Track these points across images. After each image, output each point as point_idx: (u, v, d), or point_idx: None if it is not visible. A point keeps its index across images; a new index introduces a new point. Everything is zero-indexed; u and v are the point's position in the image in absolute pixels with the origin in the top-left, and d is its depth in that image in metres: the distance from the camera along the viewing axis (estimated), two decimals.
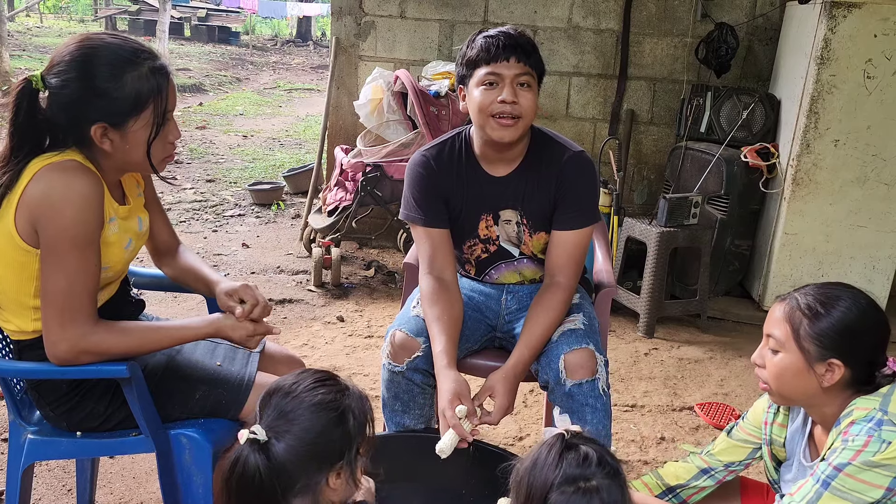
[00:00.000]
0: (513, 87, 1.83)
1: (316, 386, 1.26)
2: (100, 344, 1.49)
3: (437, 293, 1.91)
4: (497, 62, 1.83)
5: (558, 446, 1.17)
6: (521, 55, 1.84)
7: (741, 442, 1.65)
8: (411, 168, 2.01)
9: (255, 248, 4.81)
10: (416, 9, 4.58)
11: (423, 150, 2.03)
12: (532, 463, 1.18)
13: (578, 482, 1.13)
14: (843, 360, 1.35)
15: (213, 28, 21.76)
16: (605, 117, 4.58)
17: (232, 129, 9.36)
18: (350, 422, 1.25)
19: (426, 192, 1.97)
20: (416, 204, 1.98)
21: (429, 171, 1.98)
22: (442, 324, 1.85)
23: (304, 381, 1.27)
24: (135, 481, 2.29)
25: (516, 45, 1.84)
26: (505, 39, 1.84)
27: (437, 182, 1.98)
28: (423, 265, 1.99)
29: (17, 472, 1.68)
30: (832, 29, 3.54)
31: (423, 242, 1.99)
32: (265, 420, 1.23)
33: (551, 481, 1.14)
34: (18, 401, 1.70)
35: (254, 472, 1.17)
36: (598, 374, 1.84)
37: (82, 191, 1.43)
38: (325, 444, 1.22)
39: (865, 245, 3.79)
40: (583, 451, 1.17)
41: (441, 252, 1.98)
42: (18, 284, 1.50)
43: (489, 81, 1.83)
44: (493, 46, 1.83)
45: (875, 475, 1.27)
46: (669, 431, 2.82)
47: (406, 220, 2.03)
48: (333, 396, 1.25)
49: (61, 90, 1.45)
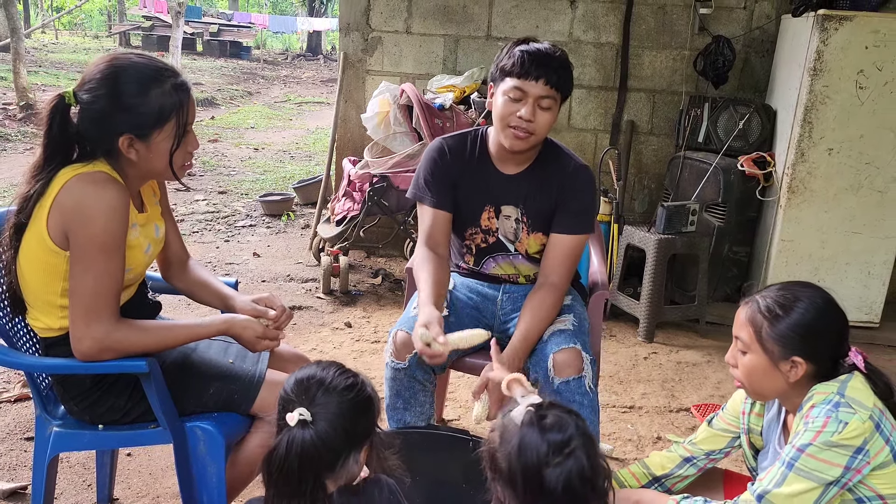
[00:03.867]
0: (534, 106, 1.94)
1: (342, 373, 1.37)
2: (122, 341, 1.61)
3: (428, 260, 2.09)
4: (526, 79, 1.93)
5: (537, 421, 1.24)
6: (551, 77, 1.94)
7: (721, 431, 1.75)
8: (428, 152, 2.18)
9: (265, 257, 4.94)
10: (422, 24, 4.72)
11: (443, 137, 2.20)
12: (518, 447, 1.23)
13: (564, 448, 1.20)
14: (805, 357, 1.44)
15: (225, 43, 22.06)
16: (605, 128, 4.70)
17: (243, 142, 9.54)
18: (375, 405, 1.38)
19: (436, 176, 2.14)
20: (425, 185, 2.15)
21: (443, 157, 2.15)
22: (429, 282, 2.02)
23: (331, 370, 1.38)
24: (151, 477, 2.40)
25: (548, 67, 1.93)
26: (539, 59, 1.93)
27: (448, 168, 2.14)
28: (421, 238, 2.16)
29: (43, 463, 1.80)
30: (824, 41, 3.64)
31: (425, 219, 2.16)
32: (304, 405, 1.33)
33: (542, 457, 1.20)
34: (44, 396, 1.82)
35: (309, 447, 1.28)
36: (584, 373, 1.95)
37: (111, 201, 1.56)
38: (357, 426, 1.33)
39: (860, 251, 3.88)
40: (557, 418, 1.24)
41: (438, 230, 2.15)
42: (47, 284, 1.62)
43: (514, 97, 1.95)
44: (527, 63, 1.92)
45: (834, 454, 1.37)
46: (666, 432, 2.91)
47: (414, 198, 2.19)
48: (359, 383, 1.37)
49: (92, 105, 1.58)
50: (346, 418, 1.32)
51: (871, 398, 1.41)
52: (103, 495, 2.24)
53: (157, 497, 2.30)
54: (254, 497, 1.46)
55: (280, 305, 1.88)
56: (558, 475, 1.19)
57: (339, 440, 1.31)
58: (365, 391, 1.37)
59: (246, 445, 1.82)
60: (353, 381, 1.36)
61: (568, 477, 1.19)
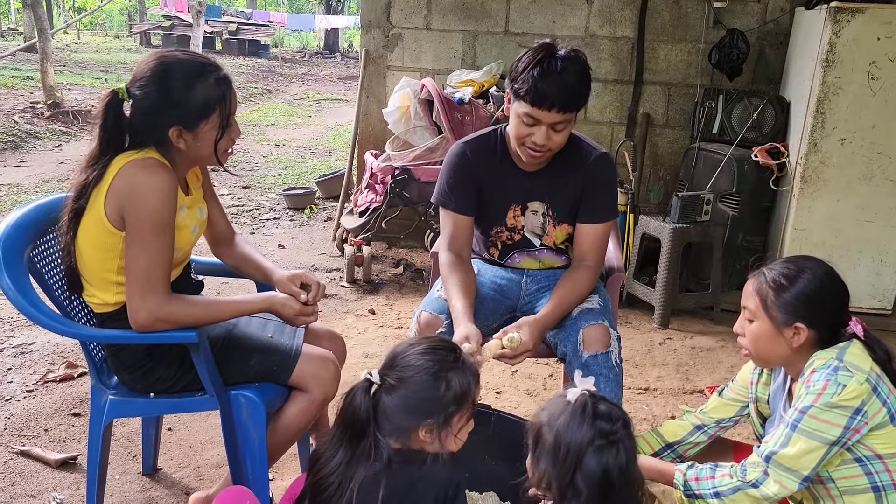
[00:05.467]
0: (548, 131, 1.97)
1: (427, 352, 1.46)
2: (175, 312, 1.75)
3: (455, 264, 2.16)
4: (539, 108, 1.92)
5: (589, 406, 1.36)
6: (565, 105, 1.92)
7: (731, 401, 1.86)
8: (449, 157, 2.23)
9: (290, 248, 5.09)
10: (441, 21, 4.84)
11: (463, 140, 2.24)
12: (566, 424, 1.35)
13: (608, 436, 1.33)
14: (807, 324, 1.56)
15: (244, 41, 22.29)
16: (621, 120, 4.79)
17: (265, 139, 9.71)
18: (441, 390, 1.43)
19: (458, 181, 2.19)
20: (448, 190, 2.21)
21: (464, 161, 2.20)
22: (459, 288, 2.09)
23: (421, 345, 1.48)
24: (191, 449, 2.55)
25: (562, 95, 1.90)
26: (553, 87, 1.89)
27: (471, 171, 2.19)
28: (443, 242, 2.23)
29: (99, 430, 1.94)
30: (837, 33, 3.71)
31: (448, 224, 2.23)
32: (384, 368, 1.46)
33: (587, 439, 1.33)
34: (99, 368, 1.97)
35: (357, 406, 1.43)
36: (611, 348, 2.05)
37: (162, 184, 1.69)
38: (417, 401, 1.43)
39: (873, 240, 3.95)
40: (606, 408, 1.38)
41: (462, 235, 2.22)
42: (105, 262, 1.77)
43: (528, 122, 1.97)
44: (540, 92, 1.89)
45: (834, 415, 1.47)
46: (680, 412, 3.01)
47: (437, 203, 2.25)
48: (438, 366, 1.44)
49: (143, 100, 1.73)
50: (403, 394, 1.42)
51: (869, 363, 1.52)
52: (148, 465, 2.39)
53: (198, 467, 2.44)
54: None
55: (315, 282, 2.01)
56: (599, 460, 1.32)
57: (393, 410, 1.42)
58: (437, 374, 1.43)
59: (284, 415, 1.95)
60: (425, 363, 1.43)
61: (607, 465, 1.32)
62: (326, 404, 2.00)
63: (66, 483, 2.31)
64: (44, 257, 1.90)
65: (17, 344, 3.29)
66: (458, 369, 1.46)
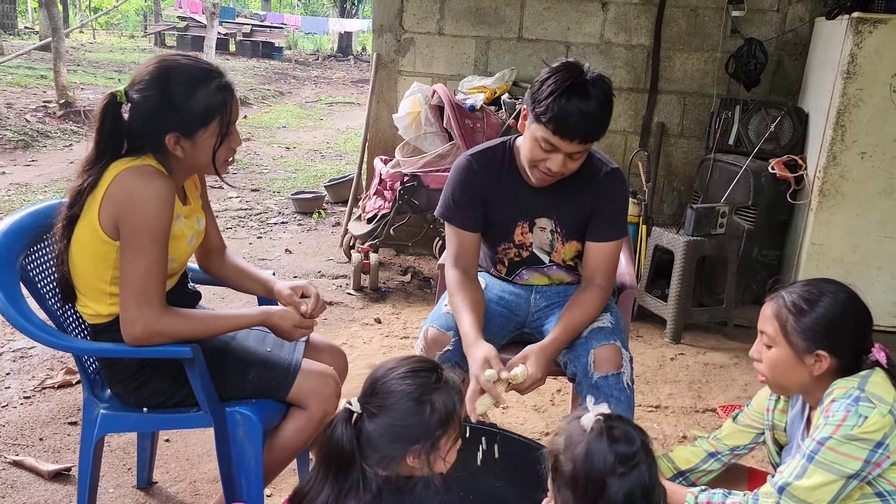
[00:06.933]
0: (564, 159, 1.91)
1: (408, 375, 1.38)
2: (170, 326, 1.69)
3: (462, 282, 2.08)
4: (561, 138, 1.85)
5: (606, 431, 1.28)
6: (587, 136, 1.86)
7: (746, 427, 1.78)
8: (455, 170, 2.14)
9: (297, 253, 5.03)
10: (454, 26, 4.77)
11: (470, 153, 2.14)
12: (584, 454, 1.27)
13: (630, 461, 1.26)
14: (829, 351, 1.47)
15: (258, 43, 22.32)
16: (635, 130, 4.71)
17: (275, 142, 9.68)
18: (426, 414, 1.36)
19: (464, 196, 2.11)
20: (454, 205, 2.13)
21: (471, 174, 2.11)
22: (468, 306, 2.01)
23: (400, 369, 1.40)
24: (188, 462, 2.48)
25: (587, 130, 1.85)
26: (576, 118, 1.82)
27: (477, 186, 2.10)
28: (449, 259, 2.16)
29: (90, 444, 1.88)
30: (858, 44, 3.62)
31: (454, 240, 2.15)
32: (363, 396, 1.38)
33: (609, 466, 1.25)
34: (92, 380, 1.91)
35: (339, 438, 1.35)
36: (623, 369, 1.97)
37: (158, 192, 1.63)
38: (402, 429, 1.35)
39: (893, 256, 3.85)
40: (625, 431, 1.30)
41: (468, 251, 2.14)
42: (97, 272, 1.71)
43: (545, 147, 1.90)
44: (566, 124, 1.83)
45: (854, 448, 1.39)
46: (691, 434, 2.92)
47: (442, 217, 2.18)
48: (420, 390, 1.37)
49: (142, 104, 1.67)
50: (387, 422, 1.34)
51: (892, 393, 1.43)
52: (143, 478, 2.33)
53: (194, 482, 2.38)
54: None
55: (314, 293, 1.95)
56: (621, 485, 1.25)
57: (378, 439, 1.34)
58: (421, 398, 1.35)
59: (282, 432, 1.89)
60: (407, 388, 1.36)
61: (631, 488, 1.25)
62: (326, 422, 1.93)
63: (59, 496, 2.25)
64: (38, 265, 1.85)
65: (17, 348, 3.24)
66: (441, 389, 1.39)
